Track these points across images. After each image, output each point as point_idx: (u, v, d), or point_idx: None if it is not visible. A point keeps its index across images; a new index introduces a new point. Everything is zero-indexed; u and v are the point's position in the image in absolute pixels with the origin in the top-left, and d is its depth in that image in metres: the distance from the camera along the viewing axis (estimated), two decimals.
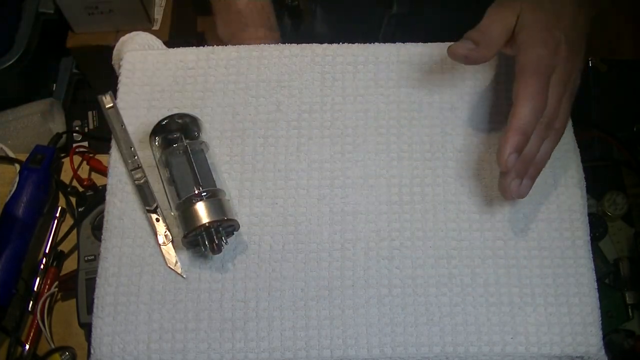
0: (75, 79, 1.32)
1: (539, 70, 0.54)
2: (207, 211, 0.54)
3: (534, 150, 0.55)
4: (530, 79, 0.53)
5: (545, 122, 0.55)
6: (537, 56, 0.54)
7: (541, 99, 0.53)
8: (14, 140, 1.06)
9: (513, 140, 0.53)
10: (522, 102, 0.53)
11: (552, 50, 0.55)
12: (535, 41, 0.55)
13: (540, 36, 0.55)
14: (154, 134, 0.58)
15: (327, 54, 0.64)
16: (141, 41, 0.66)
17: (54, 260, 0.79)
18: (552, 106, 0.55)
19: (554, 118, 0.56)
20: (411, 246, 0.58)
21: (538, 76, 0.54)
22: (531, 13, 0.56)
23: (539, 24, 0.55)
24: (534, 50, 0.54)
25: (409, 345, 0.54)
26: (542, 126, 0.55)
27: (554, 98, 0.55)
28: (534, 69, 0.54)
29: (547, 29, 0.55)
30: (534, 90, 0.53)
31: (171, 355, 0.54)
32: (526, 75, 0.54)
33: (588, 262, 0.58)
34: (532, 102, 0.53)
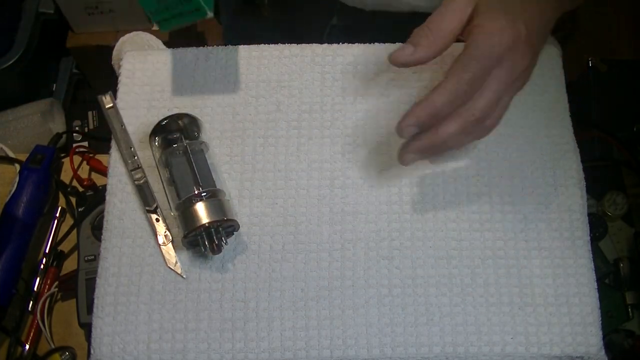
0: (75, 79, 1.33)
1: (482, 60, 0.50)
2: (207, 211, 0.54)
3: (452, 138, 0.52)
4: (468, 63, 0.50)
5: (476, 117, 0.51)
6: (488, 45, 0.50)
7: (467, 89, 0.50)
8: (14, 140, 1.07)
9: (418, 115, 0.51)
10: (446, 84, 0.50)
11: (507, 43, 0.50)
12: (492, 27, 0.50)
13: (499, 24, 0.50)
14: (154, 134, 0.58)
15: (327, 54, 0.64)
16: (141, 41, 0.66)
17: (54, 260, 0.79)
18: (488, 101, 0.51)
19: (487, 114, 0.52)
20: (411, 246, 0.58)
21: (478, 63, 0.50)
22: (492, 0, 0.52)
23: (499, 10, 0.51)
24: (486, 37, 0.50)
25: (409, 346, 0.54)
26: (473, 118, 0.51)
27: (492, 93, 0.51)
28: (477, 55, 0.50)
29: (508, 17, 0.51)
30: (467, 77, 0.49)
31: (171, 355, 0.54)
32: (467, 58, 0.50)
33: (588, 262, 0.58)
34: (457, 87, 0.50)
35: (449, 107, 0.50)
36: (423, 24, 0.52)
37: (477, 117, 0.51)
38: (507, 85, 0.52)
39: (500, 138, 0.61)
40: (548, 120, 0.62)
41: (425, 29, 0.52)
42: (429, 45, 0.51)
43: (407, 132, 0.52)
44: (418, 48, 0.51)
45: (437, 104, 0.50)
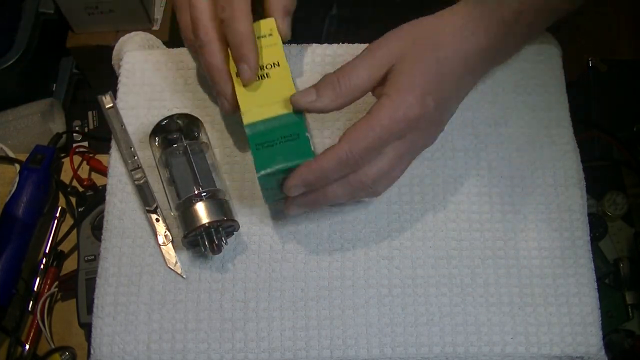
0: (75, 79, 1.32)
1: (382, 133, 0.48)
2: (207, 211, 0.54)
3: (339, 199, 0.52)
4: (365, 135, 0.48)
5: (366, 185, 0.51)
6: (391, 119, 0.48)
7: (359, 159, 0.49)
8: (14, 140, 1.06)
9: (304, 177, 0.50)
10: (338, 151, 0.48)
11: (412, 119, 0.49)
12: (398, 101, 0.49)
13: (407, 98, 0.49)
14: (154, 134, 0.58)
15: (327, 54, 0.64)
16: (141, 41, 0.66)
17: (54, 260, 0.79)
18: (381, 171, 0.50)
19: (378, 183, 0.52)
20: (411, 246, 0.58)
21: (374, 136, 0.48)
22: (409, 67, 0.50)
23: (413, 82, 0.49)
24: (390, 109, 0.48)
25: (409, 346, 0.54)
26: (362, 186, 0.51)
27: (386, 164, 0.50)
28: (376, 128, 0.48)
29: (419, 93, 0.49)
30: (360, 149, 0.48)
31: (171, 355, 0.54)
32: (365, 128, 0.48)
33: (588, 262, 0.58)
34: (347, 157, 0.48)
35: (338, 173, 0.50)
36: (334, 72, 0.51)
37: (366, 185, 0.51)
38: (404, 157, 0.52)
39: (500, 138, 0.61)
40: (548, 120, 0.62)
41: (334, 79, 0.50)
42: (334, 97, 0.50)
43: (294, 192, 0.51)
44: (321, 97, 0.50)
45: (325, 168, 0.49)
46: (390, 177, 0.53)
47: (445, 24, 0.52)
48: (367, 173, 0.50)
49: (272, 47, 0.55)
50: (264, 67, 0.54)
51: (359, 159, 0.49)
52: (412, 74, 0.50)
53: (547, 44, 0.64)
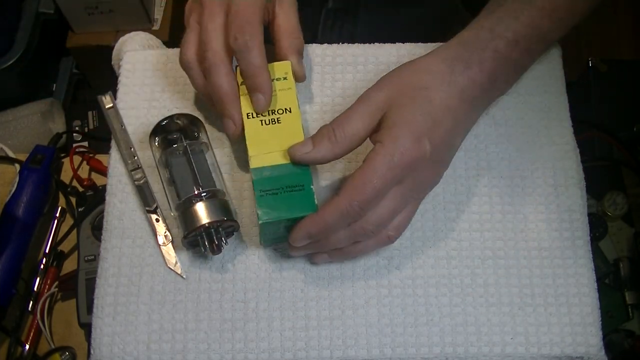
0: (75, 79, 1.32)
1: (377, 181, 0.48)
2: (207, 212, 0.54)
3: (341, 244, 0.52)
4: (363, 186, 0.48)
5: (368, 230, 0.50)
6: (387, 167, 0.48)
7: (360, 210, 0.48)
8: (14, 140, 1.06)
9: (307, 230, 0.50)
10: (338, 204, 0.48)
11: (409, 163, 0.49)
12: (393, 147, 0.48)
13: (401, 143, 0.48)
14: (154, 134, 0.58)
15: (327, 54, 0.64)
16: (141, 41, 0.66)
17: (54, 260, 0.79)
18: (382, 216, 0.50)
19: (381, 227, 0.51)
20: (411, 246, 0.58)
21: (373, 187, 0.48)
22: (401, 111, 0.50)
23: (406, 126, 0.49)
24: (385, 157, 0.48)
25: (409, 346, 0.54)
26: (363, 232, 0.50)
27: (388, 209, 0.50)
28: (374, 178, 0.48)
29: (413, 136, 0.49)
30: (360, 200, 0.48)
31: (171, 355, 0.54)
32: (362, 180, 0.48)
33: (588, 262, 0.58)
34: (348, 210, 0.48)
35: (340, 225, 0.50)
36: (330, 123, 0.52)
37: (368, 231, 0.51)
38: (407, 200, 0.52)
39: (500, 138, 0.61)
40: (548, 120, 0.62)
41: (330, 129, 0.51)
42: (330, 147, 0.51)
43: (299, 244, 0.52)
44: (317, 148, 0.51)
45: (328, 222, 0.49)
46: (399, 221, 0.52)
47: (436, 62, 0.52)
48: (368, 220, 0.50)
49: (286, 92, 0.56)
50: (275, 112, 0.55)
51: (360, 210, 0.49)
52: (404, 118, 0.49)
53: None
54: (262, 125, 0.55)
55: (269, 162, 0.53)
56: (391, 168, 0.48)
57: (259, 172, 0.53)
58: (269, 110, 0.55)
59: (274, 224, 0.52)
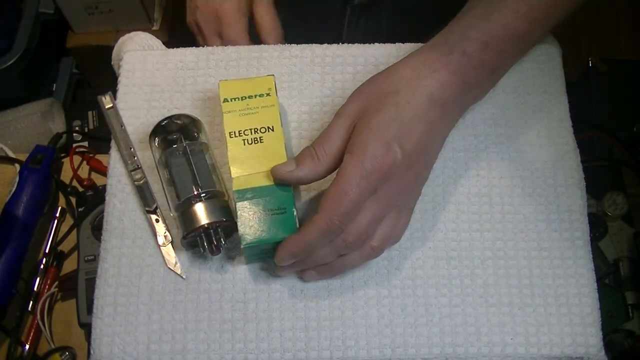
0: (75, 79, 1.32)
1: (352, 192, 0.48)
2: (206, 212, 0.54)
3: (326, 260, 0.52)
4: (338, 200, 0.48)
5: (349, 241, 0.50)
6: (358, 177, 0.48)
7: (340, 225, 0.48)
8: (14, 140, 1.06)
9: (290, 250, 0.50)
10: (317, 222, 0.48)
11: (380, 171, 0.48)
12: (362, 155, 0.48)
13: (370, 150, 0.48)
14: (154, 134, 0.58)
15: (327, 54, 0.64)
16: (141, 41, 0.66)
17: (54, 260, 0.79)
18: (361, 228, 0.50)
19: (362, 239, 0.51)
20: (410, 247, 0.58)
21: (348, 199, 0.48)
22: (369, 118, 0.49)
23: (373, 134, 0.49)
24: (356, 167, 0.48)
25: (409, 346, 0.54)
26: (344, 244, 0.50)
27: (366, 219, 0.49)
28: (348, 190, 0.48)
29: (381, 142, 0.48)
30: (337, 215, 0.48)
31: (171, 355, 0.54)
32: (336, 194, 0.48)
33: (588, 262, 0.58)
34: (328, 226, 0.48)
35: (322, 242, 0.50)
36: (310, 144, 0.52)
37: (349, 243, 0.50)
38: (385, 210, 0.51)
39: (500, 138, 0.61)
40: (548, 120, 0.62)
41: (311, 149, 0.51)
42: (312, 166, 0.51)
43: (284, 263, 0.52)
44: (300, 167, 0.51)
45: (309, 241, 0.50)
46: (382, 232, 0.52)
47: (403, 68, 0.52)
48: (349, 232, 0.50)
49: (268, 109, 0.56)
50: (258, 130, 0.55)
51: (340, 224, 0.48)
52: (371, 126, 0.49)
53: (547, 44, 0.64)
54: (244, 145, 0.55)
55: (252, 184, 0.54)
56: (364, 177, 0.48)
57: (241, 194, 0.54)
58: (252, 128, 0.56)
59: (257, 247, 0.53)
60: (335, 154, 0.51)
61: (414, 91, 0.50)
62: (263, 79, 0.58)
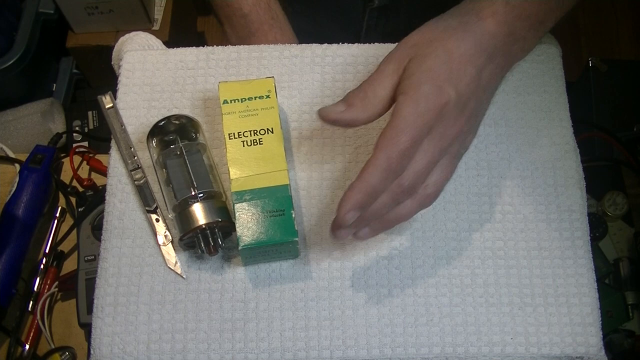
0: (75, 79, 1.33)
1: (408, 130, 0.47)
2: (203, 213, 0.54)
3: (384, 210, 0.50)
4: (396, 137, 0.47)
5: (405, 186, 0.49)
6: (413, 113, 0.48)
7: (399, 163, 0.48)
8: (14, 140, 1.07)
9: (355, 199, 0.48)
10: (376, 161, 0.48)
11: (434, 109, 0.48)
12: (416, 95, 0.48)
13: (423, 90, 0.48)
14: (151, 135, 0.58)
15: (327, 54, 0.64)
16: (141, 41, 0.66)
17: (54, 260, 0.79)
18: (417, 171, 0.49)
19: (418, 183, 0.50)
20: (411, 247, 0.58)
21: (405, 136, 0.47)
22: (420, 62, 0.50)
23: (425, 75, 0.49)
24: (410, 106, 0.48)
25: (409, 346, 0.54)
26: (400, 189, 0.49)
27: (423, 161, 0.49)
28: (404, 127, 0.47)
29: (434, 83, 0.49)
30: (396, 152, 0.47)
31: (171, 355, 0.54)
32: (394, 131, 0.47)
33: (588, 262, 0.58)
34: (387, 164, 0.47)
35: (383, 183, 0.49)
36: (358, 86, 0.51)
37: (405, 188, 0.49)
38: (440, 153, 0.50)
39: (500, 138, 0.61)
40: (548, 120, 0.62)
41: (361, 91, 0.51)
42: (363, 107, 0.50)
43: (349, 220, 0.49)
44: (350, 108, 0.50)
45: (371, 182, 0.48)
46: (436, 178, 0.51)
47: (450, 18, 0.53)
48: (405, 176, 0.49)
49: (268, 111, 0.57)
50: (257, 132, 0.56)
51: (398, 163, 0.48)
52: (422, 69, 0.49)
53: (547, 44, 0.64)
54: (243, 147, 0.56)
55: (250, 186, 0.54)
56: (419, 115, 0.48)
57: (240, 195, 0.54)
58: (251, 130, 0.56)
59: (255, 249, 0.53)
60: (384, 97, 0.50)
61: (462, 38, 0.51)
62: (263, 81, 0.58)
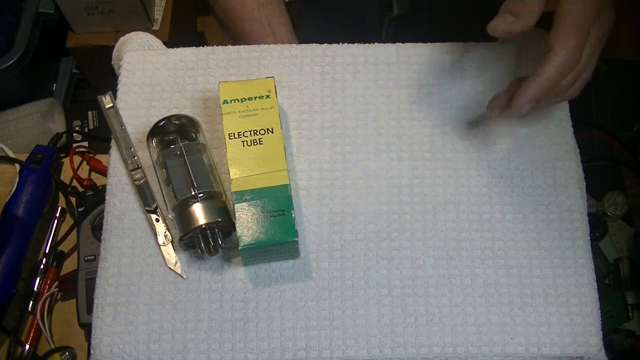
0: (75, 79, 1.33)
1: (580, 23, 0.52)
2: (203, 213, 0.54)
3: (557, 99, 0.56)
4: (571, 31, 0.51)
5: (574, 75, 0.54)
6: (582, 7, 0.51)
7: (576, 54, 0.52)
8: (14, 140, 1.07)
9: (533, 92, 0.52)
10: (555, 57, 0.51)
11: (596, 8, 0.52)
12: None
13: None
14: (151, 135, 0.58)
15: (327, 54, 0.64)
16: (141, 41, 0.66)
17: (54, 260, 0.79)
18: (584, 61, 0.53)
19: (583, 71, 0.55)
20: (411, 247, 0.58)
21: (579, 30, 0.52)
22: None
23: None
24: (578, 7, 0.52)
25: (409, 346, 0.54)
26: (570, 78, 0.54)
27: (587, 52, 0.53)
28: (576, 21, 0.51)
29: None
30: (573, 44, 0.51)
31: (171, 355, 0.54)
32: (567, 26, 0.51)
33: (588, 262, 0.58)
34: (567, 57, 0.51)
35: (561, 77, 0.52)
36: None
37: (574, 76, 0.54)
38: (600, 40, 0.55)
39: (500, 138, 0.61)
40: (548, 120, 0.62)
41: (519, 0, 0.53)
42: (527, 14, 0.52)
43: (525, 111, 0.53)
44: (519, 18, 0.52)
45: (551, 77, 0.52)
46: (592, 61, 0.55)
47: None
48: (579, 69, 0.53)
49: (268, 110, 0.57)
50: (257, 132, 0.56)
51: (575, 56, 0.52)
52: None
53: None
54: (243, 147, 0.56)
55: (250, 186, 0.54)
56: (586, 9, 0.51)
57: (240, 195, 0.54)
58: (251, 130, 0.56)
59: (255, 249, 0.53)
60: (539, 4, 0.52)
61: None
62: (263, 81, 0.58)
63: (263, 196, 0.54)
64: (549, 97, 0.55)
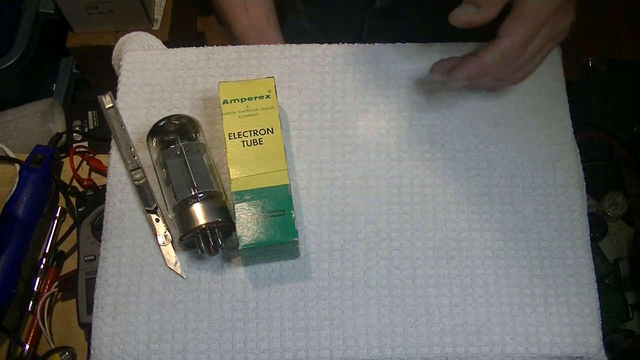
0: (75, 79, 1.33)
1: (533, 17, 0.52)
2: (203, 213, 0.54)
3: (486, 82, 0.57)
4: (522, 24, 0.52)
5: (517, 66, 0.55)
6: (539, 5, 0.52)
7: (520, 47, 0.52)
8: (14, 140, 1.07)
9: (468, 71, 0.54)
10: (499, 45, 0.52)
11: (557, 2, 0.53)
12: None
13: None
14: (151, 135, 0.58)
15: (327, 54, 0.64)
16: (141, 41, 0.66)
17: (54, 260, 0.79)
18: (529, 54, 0.54)
19: (526, 64, 0.55)
20: (411, 247, 0.58)
21: (530, 24, 0.52)
22: None
23: None
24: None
25: (409, 346, 0.54)
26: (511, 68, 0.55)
27: (534, 48, 0.54)
28: (529, 15, 0.52)
29: None
30: (519, 38, 0.52)
31: (171, 355, 0.54)
32: (519, 19, 0.52)
33: (588, 262, 0.58)
34: (510, 48, 0.52)
35: (498, 65, 0.53)
36: None
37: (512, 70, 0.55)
38: (551, 38, 0.55)
39: (500, 138, 0.61)
40: (548, 120, 0.62)
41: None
42: (489, 5, 0.52)
43: (456, 85, 0.55)
44: (481, 8, 0.53)
45: (489, 62, 0.53)
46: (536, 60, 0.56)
47: None
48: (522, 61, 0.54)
49: (268, 110, 0.57)
50: (257, 132, 0.56)
51: (518, 49, 0.52)
52: None
53: None
54: (243, 147, 0.56)
55: (250, 186, 0.54)
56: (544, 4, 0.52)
57: (240, 195, 0.54)
58: (251, 130, 0.56)
59: (255, 249, 0.53)
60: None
61: None
62: (263, 81, 0.58)
63: (263, 196, 0.54)
64: (484, 80, 0.56)
